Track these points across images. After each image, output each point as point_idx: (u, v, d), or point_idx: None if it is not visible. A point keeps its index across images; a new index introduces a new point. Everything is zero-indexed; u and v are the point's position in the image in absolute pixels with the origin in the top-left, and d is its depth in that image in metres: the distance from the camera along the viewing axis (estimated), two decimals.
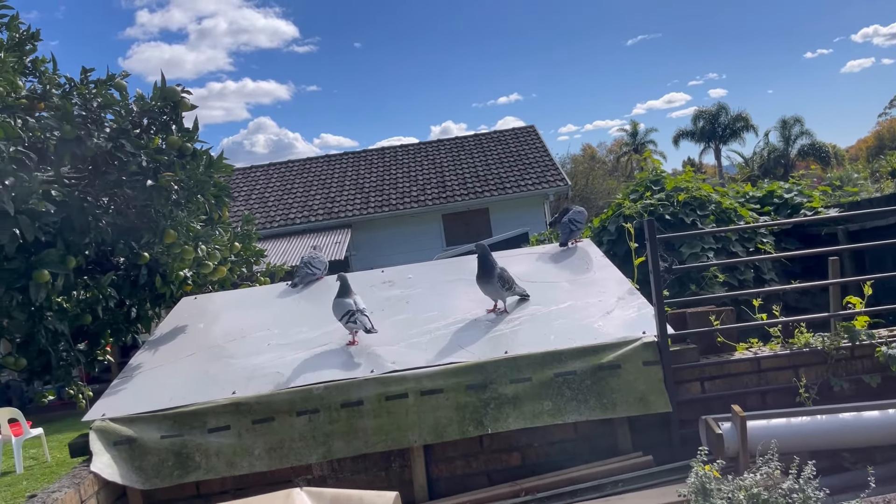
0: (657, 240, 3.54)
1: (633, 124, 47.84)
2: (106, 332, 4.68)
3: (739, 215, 7.55)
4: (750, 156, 43.48)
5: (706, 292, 6.76)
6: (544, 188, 21.46)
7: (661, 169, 8.67)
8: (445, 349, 3.65)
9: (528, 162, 22.95)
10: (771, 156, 41.82)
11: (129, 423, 3.37)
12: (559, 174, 22.16)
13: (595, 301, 4.00)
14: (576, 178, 35.58)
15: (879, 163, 33.69)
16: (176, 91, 4.22)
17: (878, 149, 45.11)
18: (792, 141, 41.37)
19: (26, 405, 13.54)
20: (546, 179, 21.80)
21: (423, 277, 4.74)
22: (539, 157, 23.17)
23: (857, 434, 3.20)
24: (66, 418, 13.13)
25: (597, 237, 8.06)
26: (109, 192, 4.17)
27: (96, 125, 3.99)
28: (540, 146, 23.97)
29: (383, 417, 3.40)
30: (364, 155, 25.31)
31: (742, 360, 3.60)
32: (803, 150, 40.89)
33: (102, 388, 3.80)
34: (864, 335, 3.54)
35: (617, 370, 3.43)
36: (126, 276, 4.63)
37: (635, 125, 47.65)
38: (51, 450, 10.00)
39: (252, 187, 23.73)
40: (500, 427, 3.38)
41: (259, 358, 3.82)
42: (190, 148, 4.20)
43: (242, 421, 3.39)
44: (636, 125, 47.65)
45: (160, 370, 3.86)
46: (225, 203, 4.59)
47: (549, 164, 22.69)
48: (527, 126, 25.78)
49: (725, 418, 3.23)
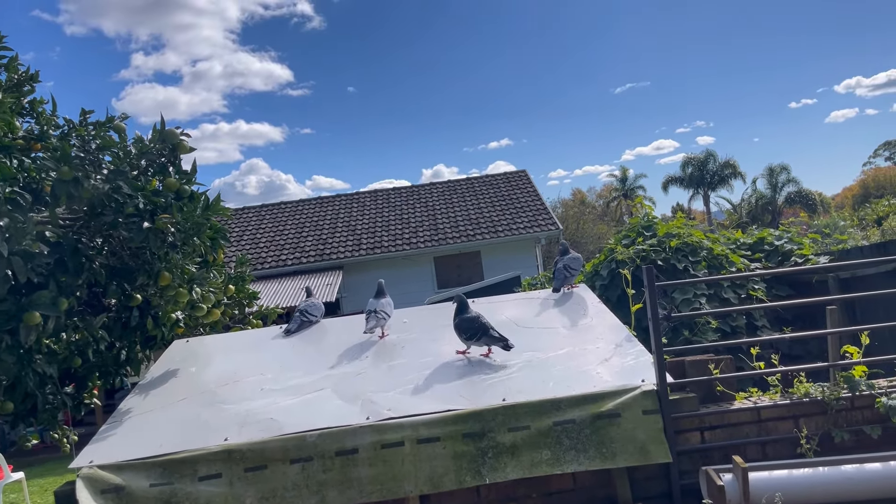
0: (655, 286, 3.54)
1: (623, 170, 48.49)
2: (94, 375, 4.59)
3: (731, 261, 7.58)
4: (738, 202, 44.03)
5: (699, 339, 6.75)
6: (536, 232, 21.54)
7: (652, 214, 8.74)
8: (442, 396, 3.60)
9: (520, 206, 23.09)
10: (759, 202, 42.35)
11: (117, 471, 3.28)
12: (550, 218, 22.28)
13: (592, 348, 3.97)
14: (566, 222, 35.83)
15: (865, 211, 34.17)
16: (175, 133, 4.22)
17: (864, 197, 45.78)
18: (779, 188, 41.97)
19: (7, 448, 13.23)
20: (537, 223, 21.90)
21: (417, 322, 4.71)
22: (530, 201, 23.32)
23: (860, 487, 3.16)
24: (47, 462, 12.84)
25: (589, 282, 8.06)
26: (105, 233, 4.14)
27: (94, 166, 3.98)
28: (531, 190, 24.14)
29: (379, 466, 3.33)
30: (356, 197, 25.40)
31: (742, 410, 3.57)
32: (790, 198, 41.46)
33: (87, 431, 3.72)
34: (863, 385, 3.53)
35: (616, 419, 3.39)
36: (117, 317, 4.56)
37: (625, 171, 48.30)
38: (31, 494, 9.72)
39: (244, 228, 23.71)
40: (497, 477, 3.32)
41: (252, 404, 3.76)
42: (187, 190, 4.18)
43: (234, 469, 3.31)
44: (626, 171, 48.30)
45: (150, 415, 3.78)
46: (220, 245, 4.56)
47: (541, 208, 22.83)
48: (518, 170, 26.00)
49: (726, 469, 3.19)
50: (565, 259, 4.91)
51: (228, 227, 22.94)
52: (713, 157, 43.85)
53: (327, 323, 4.97)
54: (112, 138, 4.17)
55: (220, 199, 4.39)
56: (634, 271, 6.53)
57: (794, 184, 41.70)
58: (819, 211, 40.11)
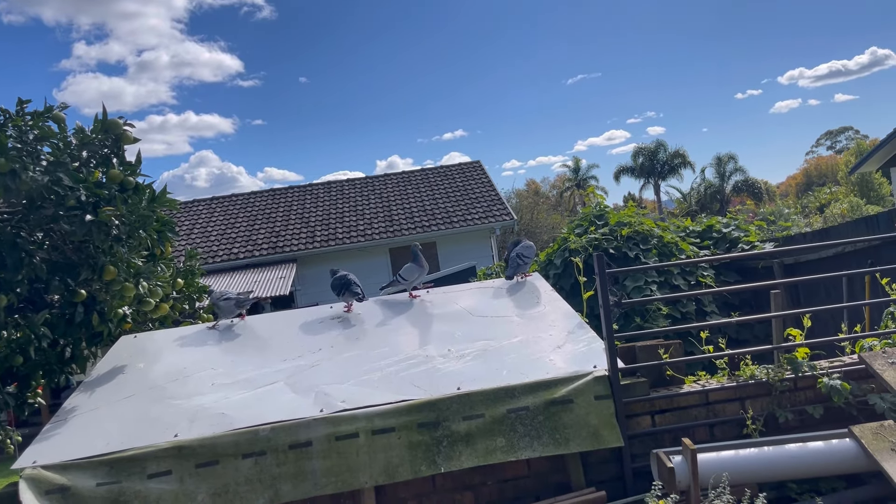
0: (606, 274, 3.58)
1: (576, 160, 48.93)
2: (38, 374, 4.45)
3: (681, 249, 7.75)
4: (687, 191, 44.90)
5: (650, 325, 6.88)
6: (491, 222, 21.63)
7: (604, 204, 8.87)
8: (397, 386, 3.59)
9: (475, 196, 23.15)
10: (707, 191, 43.26)
11: (62, 471, 3.18)
12: (505, 209, 22.40)
13: (546, 335, 4.00)
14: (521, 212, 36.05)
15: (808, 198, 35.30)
16: (118, 123, 4.11)
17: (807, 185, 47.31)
18: (727, 177, 42.93)
19: None
20: (492, 214, 22.00)
21: (371, 313, 4.68)
22: (485, 192, 23.40)
23: (803, 465, 3.25)
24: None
25: (543, 271, 8.14)
26: (45, 226, 4.01)
27: (32, 158, 3.84)
28: (486, 181, 24.22)
29: (333, 458, 3.30)
30: (310, 189, 25.12)
31: (691, 393, 3.65)
32: (737, 186, 42.46)
33: (32, 432, 3.60)
34: (806, 367, 3.64)
35: (569, 405, 3.43)
36: (61, 314, 4.42)
37: (577, 161, 48.74)
38: None
39: (194, 221, 23.23)
40: (453, 465, 3.33)
41: (202, 399, 3.68)
42: (132, 182, 4.08)
43: (185, 465, 3.24)
44: (578, 161, 48.74)
45: (96, 413, 3.68)
46: (168, 238, 4.46)
47: (496, 199, 22.93)
48: (473, 161, 26.06)
49: (676, 451, 3.25)
50: (518, 248, 4.94)
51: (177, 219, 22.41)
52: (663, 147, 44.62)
53: (280, 315, 4.91)
54: (51, 129, 4.03)
55: (166, 191, 4.29)
56: (587, 259, 6.62)
57: (741, 172, 42.74)
58: (765, 199, 41.26)
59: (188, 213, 23.63)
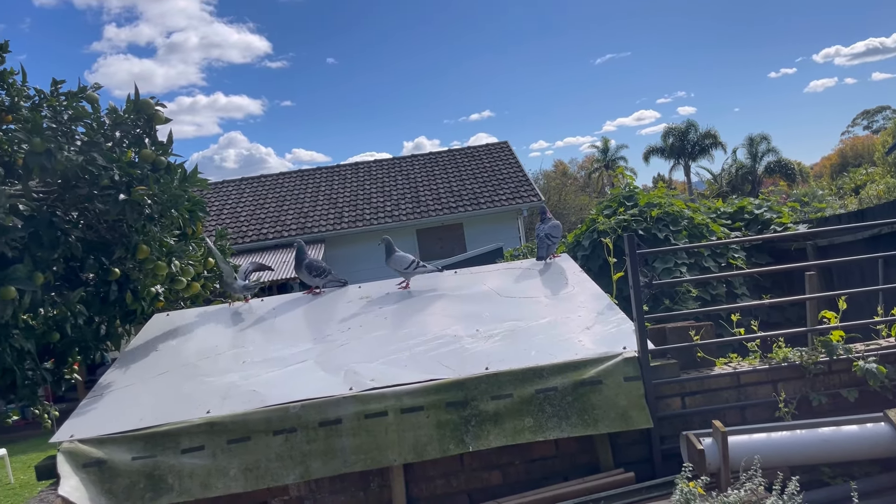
0: (637, 255, 3.55)
1: (605, 141, 48.35)
2: (74, 350, 4.55)
3: (711, 231, 7.64)
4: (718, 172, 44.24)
5: (679, 307, 6.81)
6: (518, 203, 21.52)
7: (633, 185, 8.76)
8: (425, 366, 3.60)
9: (502, 177, 23.04)
10: (739, 172, 42.55)
11: (98, 445, 3.26)
12: (532, 189, 22.27)
13: (574, 316, 3.98)
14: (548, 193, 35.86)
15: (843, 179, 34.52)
16: (150, 104, 4.14)
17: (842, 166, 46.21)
18: (759, 158, 42.13)
19: None
20: (520, 195, 21.88)
21: (400, 293, 4.69)
22: (512, 173, 23.27)
23: (837, 449, 3.21)
24: (30, 438, 12.78)
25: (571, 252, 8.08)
26: (80, 206, 4.07)
27: (67, 138, 3.90)
28: (513, 162, 24.08)
29: (362, 436, 3.34)
30: (337, 170, 25.20)
31: (722, 376, 3.61)
32: (770, 167, 41.67)
33: (68, 407, 3.69)
34: (840, 349, 3.57)
35: (598, 386, 3.41)
36: (96, 292, 4.50)
37: (606, 142, 48.16)
38: (14, 471, 9.69)
39: (224, 202, 23.46)
40: (481, 444, 3.34)
41: (234, 376, 3.74)
42: (164, 161, 4.11)
43: (217, 441, 3.30)
44: (607, 142, 48.16)
45: (131, 389, 3.75)
46: (199, 218, 4.50)
47: (523, 180, 22.80)
48: (500, 142, 25.90)
49: (706, 434, 3.23)
50: (546, 227, 4.91)
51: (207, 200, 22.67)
52: (694, 127, 43.89)
53: (308, 296, 4.94)
54: (85, 109, 4.08)
55: (197, 171, 4.32)
56: (616, 241, 6.56)
57: (774, 153, 41.89)
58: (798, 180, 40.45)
59: (218, 193, 23.86)
